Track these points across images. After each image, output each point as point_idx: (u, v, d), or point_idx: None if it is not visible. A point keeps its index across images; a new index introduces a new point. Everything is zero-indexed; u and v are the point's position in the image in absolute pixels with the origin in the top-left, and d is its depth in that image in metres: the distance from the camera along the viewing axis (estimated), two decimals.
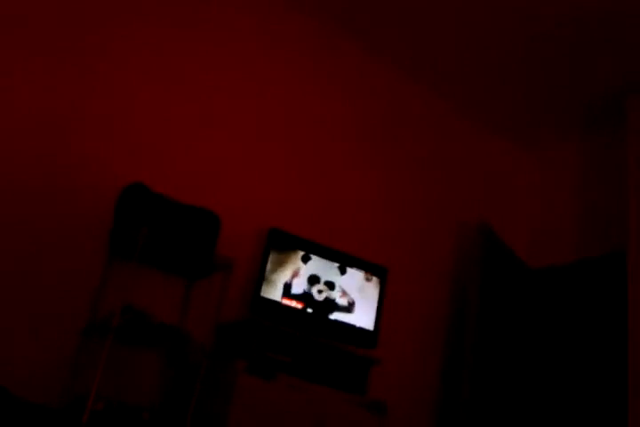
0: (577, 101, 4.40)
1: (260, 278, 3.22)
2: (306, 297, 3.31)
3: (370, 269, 3.58)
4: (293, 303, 3.27)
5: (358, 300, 3.48)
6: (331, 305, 3.38)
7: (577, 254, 4.30)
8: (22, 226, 2.90)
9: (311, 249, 3.40)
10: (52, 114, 3.11)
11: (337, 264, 3.46)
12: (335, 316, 3.38)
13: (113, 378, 2.82)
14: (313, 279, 3.37)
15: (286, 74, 3.95)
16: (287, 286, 3.28)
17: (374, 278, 3.57)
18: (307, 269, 3.36)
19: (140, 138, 3.33)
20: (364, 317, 3.47)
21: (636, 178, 3.87)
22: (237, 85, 3.74)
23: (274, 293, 3.23)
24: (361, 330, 3.44)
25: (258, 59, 3.86)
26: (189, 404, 2.78)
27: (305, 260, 3.37)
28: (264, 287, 3.21)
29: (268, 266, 3.25)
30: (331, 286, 3.41)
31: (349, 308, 3.43)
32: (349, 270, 3.49)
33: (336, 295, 3.41)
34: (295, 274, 3.32)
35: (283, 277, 3.28)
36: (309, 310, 3.31)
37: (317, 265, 3.40)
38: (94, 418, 2.49)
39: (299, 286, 3.31)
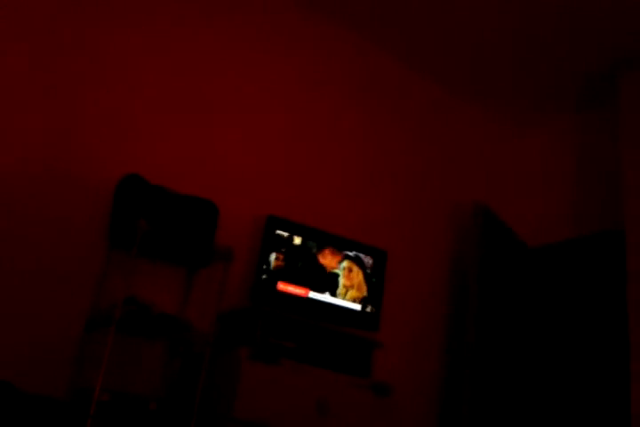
0: (570, 79, 4.39)
1: (260, 266, 3.23)
2: (306, 282, 3.33)
3: (369, 252, 3.59)
4: (294, 289, 3.28)
5: (359, 283, 3.49)
6: (332, 289, 3.40)
7: (575, 232, 4.31)
8: (20, 220, 2.90)
9: (310, 235, 3.41)
10: (48, 107, 3.10)
11: (336, 249, 3.47)
12: (336, 300, 3.40)
13: (118, 370, 2.83)
14: (313, 265, 3.38)
15: (281, 61, 3.93)
16: (287, 272, 3.29)
17: (374, 262, 3.59)
18: (306, 255, 3.37)
19: (134, 128, 3.32)
20: (365, 300, 3.48)
21: (630, 154, 3.88)
22: (232, 75, 3.72)
23: (274, 279, 3.24)
24: (362, 313, 3.46)
25: (253, 47, 3.84)
26: (195, 392, 2.80)
27: (305, 246, 3.38)
28: (264, 274, 3.22)
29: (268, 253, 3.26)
30: (331, 270, 3.43)
31: (351, 292, 3.45)
32: (349, 254, 3.50)
33: (337, 280, 3.43)
34: (294, 260, 3.33)
35: (282, 263, 3.29)
36: (311, 295, 3.32)
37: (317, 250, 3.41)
38: (101, 409, 2.51)
39: (299, 272, 3.32)
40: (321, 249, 3.42)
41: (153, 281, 3.11)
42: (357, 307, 3.45)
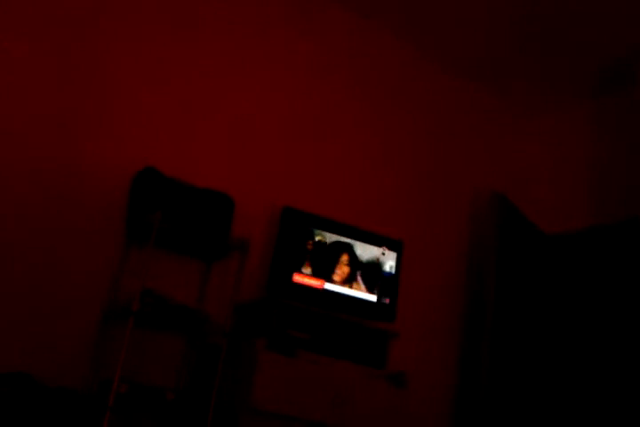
0: (588, 65, 4.32)
1: (276, 257, 3.25)
2: (322, 274, 3.33)
3: (385, 243, 3.58)
4: (310, 280, 3.29)
5: (375, 274, 3.49)
6: (347, 281, 3.40)
7: (593, 220, 4.27)
8: (37, 214, 2.93)
9: (325, 226, 3.41)
10: (63, 102, 3.12)
11: (352, 240, 3.47)
12: (352, 291, 3.40)
13: (136, 362, 2.87)
14: (329, 256, 3.39)
15: (290, 49, 3.91)
16: (303, 264, 3.30)
17: (390, 252, 3.58)
18: (322, 246, 3.38)
19: (149, 122, 3.34)
20: (381, 291, 3.49)
21: None
22: (243, 66, 3.71)
23: (290, 271, 3.26)
24: (379, 304, 3.46)
25: (260, 37, 3.82)
26: (213, 383, 2.83)
27: (321, 237, 3.38)
28: (280, 266, 3.23)
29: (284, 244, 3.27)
30: (347, 261, 3.43)
31: (367, 282, 3.45)
32: (365, 245, 3.50)
33: (353, 271, 3.43)
34: (311, 251, 3.34)
35: (298, 254, 3.30)
36: (326, 287, 3.33)
37: (333, 241, 3.41)
38: (119, 401, 2.55)
39: (315, 263, 3.33)
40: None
41: (170, 273, 3.14)
42: (373, 298, 3.46)
